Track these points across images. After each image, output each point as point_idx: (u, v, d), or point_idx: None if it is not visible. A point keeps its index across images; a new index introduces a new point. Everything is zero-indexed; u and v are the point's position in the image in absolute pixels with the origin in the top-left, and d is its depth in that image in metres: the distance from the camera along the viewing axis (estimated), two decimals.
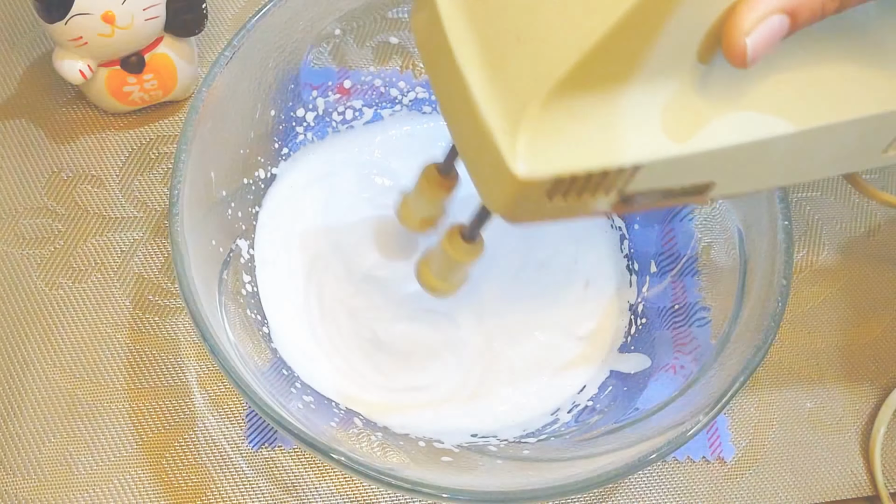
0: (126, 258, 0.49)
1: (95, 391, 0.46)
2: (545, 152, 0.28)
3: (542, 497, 0.36)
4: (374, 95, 0.53)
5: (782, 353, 0.51)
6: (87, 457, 0.44)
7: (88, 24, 0.45)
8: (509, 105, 0.28)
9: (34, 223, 0.49)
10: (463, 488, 0.37)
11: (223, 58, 0.42)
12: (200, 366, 0.47)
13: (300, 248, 0.48)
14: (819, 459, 0.48)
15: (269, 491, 0.45)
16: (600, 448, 0.40)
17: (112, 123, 0.52)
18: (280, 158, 0.50)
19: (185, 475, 0.44)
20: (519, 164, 0.28)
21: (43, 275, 0.48)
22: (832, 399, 0.50)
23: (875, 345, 0.52)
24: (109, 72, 0.49)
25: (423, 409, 0.45)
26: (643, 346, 0.47)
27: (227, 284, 0.44)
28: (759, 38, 0.27)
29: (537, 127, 0.28)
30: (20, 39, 0.54)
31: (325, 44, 0.50)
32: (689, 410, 0.38)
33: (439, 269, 0.41)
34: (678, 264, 0.47)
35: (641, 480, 0.47)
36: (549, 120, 0.28)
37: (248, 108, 0.46)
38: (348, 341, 0.46)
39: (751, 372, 0.38)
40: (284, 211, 0.49)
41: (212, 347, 0.37)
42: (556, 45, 0.28)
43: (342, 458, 0.36)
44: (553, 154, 0.28)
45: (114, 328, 0.47)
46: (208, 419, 0.46)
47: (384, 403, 0.45)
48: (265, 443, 0.45)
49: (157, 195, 0.51)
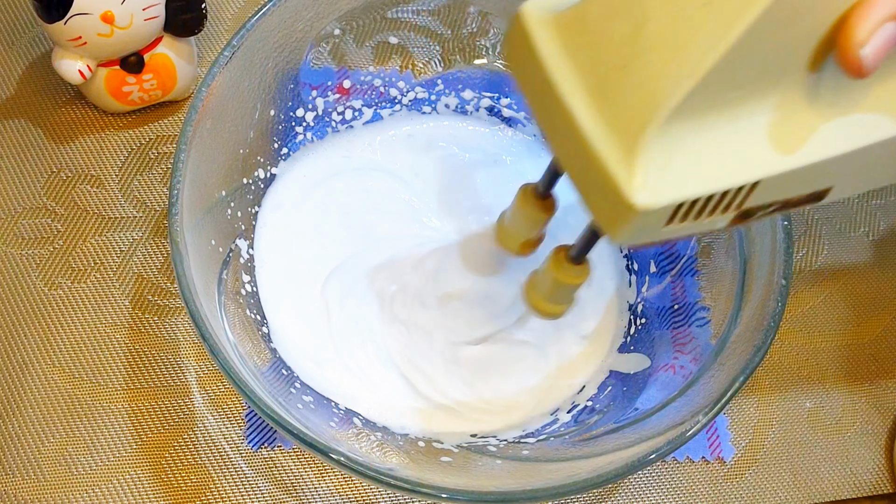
0: (125, 258, 0.49)
1: (95, 391, 0.46)
2: (663, 180, 0.28)
3: (541, 497, 0.36)
4: (373, 95, 0.53)
5: (782, 352, 0.51)
6: (87, 457, 0.44)
7: (88, 24, 0.45)
8: (622, 135, 0.28)
9: (33, 223, 0.49)
10: (462, 488, 0.37)
11: (223, 57, 0.42)
12: (200, 366, 0.47)
13: (300, 247, 0.48)
14: (819, 459, 0.48)
15: (269, 491, 0.45)
16: (600, 448, 0.40)
17: (111, 123, 0.52)
18: (279, 158, 0.50)
19: (185, 475, 0.44)
20: (638, 195, 0.28)
21: (42, 275, 0.48)
22: (832, 399, 0.50)
23: (875, 344, 0.52)
24: (109, 72, 0.49)
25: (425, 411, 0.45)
26: (643, 346, 0.47)
27: (226, 284, 0.44)
28: (874, 47, 0.28)
29: (653, 155, 0.28)
30: (19, 39, 0.54)
31: (325, 43, 0.50)
32: (689, 411, 0.38)
33: (547, 291, 0.41)
34: (678, 264, 0.47)
35: (641, 481, 0.47)
36: (665, 147, 0.28)
37: (248, 108, 0.46)
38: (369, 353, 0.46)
39: (750, 372, 0.38)
40: (284, 211, 0.49)
41: (211, 347, 0.37)
42: (666, 72, 0.27)
43: (341, 458, 0.36)
44: (671, 182, 0.28)
45: (113, 328, 0.47)
46: (208, 419, 0.46)
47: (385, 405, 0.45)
48: (265, 443, 0.45)
49: (157, 195, 0.51)
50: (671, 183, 0.28)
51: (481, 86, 0.53)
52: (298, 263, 0.48)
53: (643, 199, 0.28)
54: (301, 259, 0.48)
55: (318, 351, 0.46)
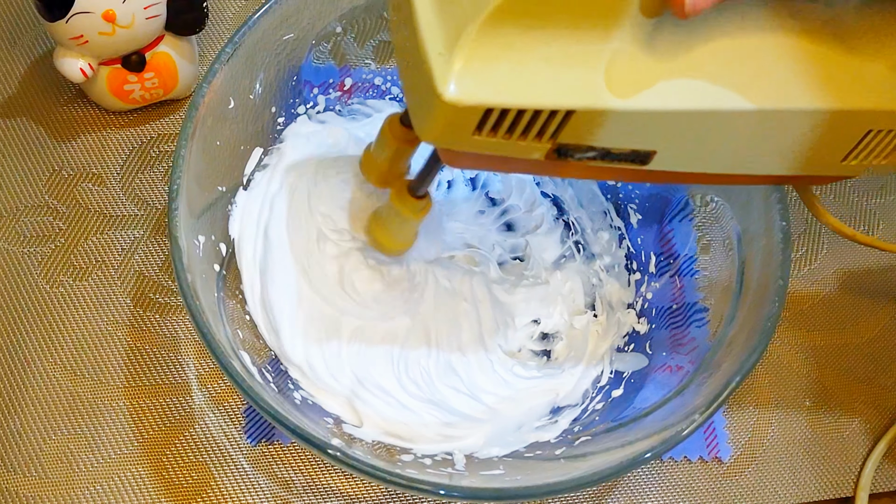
0: (127, 256, 0.49)
1: (96, 389, 0.46)
2: (477, 80, 0.28)
3: (537, 495, 0.37)
4: (374, 94, 0.53)
5: (781, 351, 0.51)
6: (88, 454, 0.45)
7: (89, 23, 0.46)
8: (450, 29, 0.28)
9: (35, 221, 0.49)
10: (458, 485, 0.37)
11: (224, 54, 0.42)
12: (200, 363, 0.47)
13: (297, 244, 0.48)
14: (818, 458, 0.49)
15: (268, 487, 0.45)
16: (596, 447, 0.40)
17: (113, 122, 0.53)
18: None
19: (186, 472, 0.45)
20: (449, 87, 0.28)
21: (44, 273, 0.48)
22: (830, 397, 0.50)
23: (873, 343, 0.52)
24: (110, 70, 0.49)
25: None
26: (641, 346, 0.47)
27: (226, 281, 0.44)
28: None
29: (472, 53, 0.28)
30: (21, 38, 0.54)
31: (326, 42, 0.50)
32: (685, 410, 0.39)
33: (388, 224, 0.41)
34: (676, 264, 0.47)
35: (639, 480, 0.47)
36: (486, 48, 0.28)
37: (249, 105, 0.46)
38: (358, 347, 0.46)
39: (747, 372, 0.38)
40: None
41: (209, 343, 0.37)
42: None
43: (338, 453, 0.36)
44: (485, 83, 0.28)
45: (114, 326, 0.47)
46: (208, 416, 0.46)
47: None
48: (263, 438, 0.45)
49: (158, 193, 0.51)
50: (485, 85, 0.28)
51: None
52: (296, 259, 0.48)
53: (451, 92, 0.28)
54: (298, 254, 0.48)
55: (304, 327, 0.45)
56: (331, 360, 0.45)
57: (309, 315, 0.45)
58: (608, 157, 0.31)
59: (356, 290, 0.45)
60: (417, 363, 0.45)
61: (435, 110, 0.28)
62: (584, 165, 0.31)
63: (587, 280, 0.50)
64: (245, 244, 0.46)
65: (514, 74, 0.28)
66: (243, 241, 0.46)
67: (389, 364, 0.45)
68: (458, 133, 0.29)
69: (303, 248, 0.46)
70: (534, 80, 0.28)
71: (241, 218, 0.47)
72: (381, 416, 0.43)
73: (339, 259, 0.45)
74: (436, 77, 0.28)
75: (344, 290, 0.45)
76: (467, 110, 0.28)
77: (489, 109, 0.28)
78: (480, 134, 0.29)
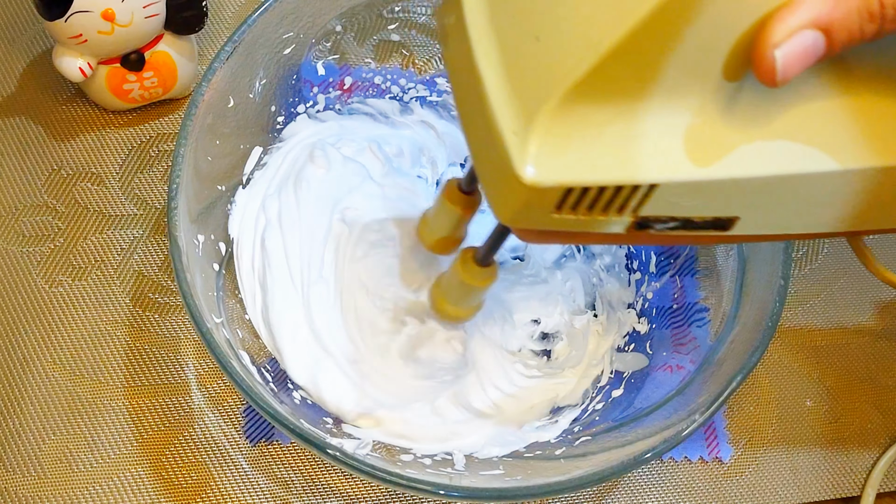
0: (126, 256, 0.49)
1: (95, 388, 0.46)
2: (556, 159, 0.27)
3: (537, 494, 0.37)
4: (374, 93, 0.53)
5: (781, 351, 0.51)
6: (87, 454, 0.45)
7: (88, 22, 0.45)
8: (523, 106, 0.27)
9: (34, 221, 0.49)
10: (458, 485, 0.37)
11: (224, 52, 0.42)
12: (199, 363, 0.47)
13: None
14: (818, 458, 0.48)
15: (268, 487, 0.45)
16: (596, 447, 0.40)
17: (112, 121, 0.52)
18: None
19: (185, 472, 0.45)
20: (528, 169, 0.27)
21: (43, 272, 0.48)
22: (831, 397, 0.50)
23: (874, 343, 0.52)
24: (109, 69, 0.49)
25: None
26: (641, 346, 0.47)
27: (225, 280, 0.44)
28: (789, 51, 0.26)
29: (550, 131, 0.27)
30: (20, 37, 0.54)
31: (326, 41, 0.50)
32: (686, 410, 0.38)
33: (453, 293, 0.40)
34: (677, 264, 0.47)
35: (639, 480, 0.47)
36: (563, 126, 0.27)
37: (248, 104, 0.46)
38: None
39: (747, 372, 0.38)
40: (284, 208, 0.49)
41: (208, 342, 0.37)
42: (573, 46, 0.26)
43: (337, 453, 0.36)
44: (565, 162, 0.27)
45: (113, 326, 0.47)
46: (208, 416, 0.46)
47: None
48: (262, 438, 0.45)
49: (157, 193, 0.51)
50: (565, 164, 0.27)
51: None
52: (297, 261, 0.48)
53: (531, 173, 0.27)
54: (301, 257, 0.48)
55: (306, 350, 0.45)
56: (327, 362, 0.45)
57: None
58: (689, 227, 0.30)
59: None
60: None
61: (513, 192, 0.28)
62: (665, 235, 0.31)
63: (587, 279, 0.50)
64: (244, 251, 0.46)
65: (592, 150, 0.27)
66: (242, 248, 0.46)
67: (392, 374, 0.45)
68: (536, 213, 0.29)
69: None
70: (612, 155, 0.27)
71: (240, 217, 0.46)
72: (382, 417, 0.43)
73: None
74: (513, 158, 0.27)
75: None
76: (547, 191, 0.27)
77: (569, 189, 0.28)
78: (560, 212, 0.28)
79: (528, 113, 0.27)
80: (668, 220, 0.30)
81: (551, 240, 0.31)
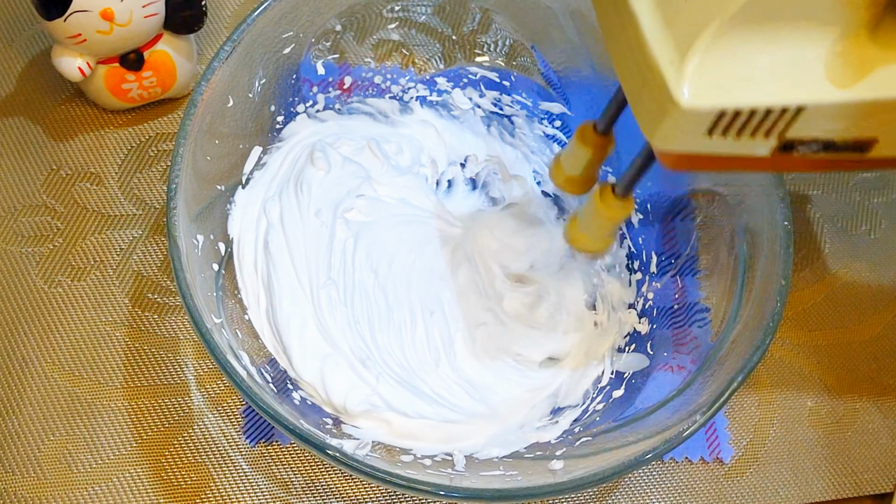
0: (125, 256, 0.49)
1: (94, 389, 0.46)
2: (711, 84, 0.29)
3: (537, 495, 0.36)
4: (374, 92, 0.52)
5: (783, 351, 0.51)
6: (87, 455, 0.44)
7: (87, 21, 0.45)
8: (678, 37, 0.29)
9: (33, 221, 0.49)
10: (458, 485, 0.37)
11: (223, 52, 0.42)
12: (199, 364, 0.47)
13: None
14: (820, 458, 0.48)
15: (267, 488, 0.45)
16: (597, 447, 0.40)
17: (111, 121, 0.52)
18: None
19: (185, 473, 0.45)
20: (683, 93, 0.29)
21: (42, 273, 0.48)
22: (833, 397, 0.50)
23: (876, 343, 0.52)
24: (108, 69, 0.49)
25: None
26: (642, 346, 0.46)
27: (224, 280, 0.44)
28: None
29: (705, 60, 0.29)
30: (19, 36, 0.54)
31: (325, 40, 0.49)
32: (687, 410, 0.38)
33: (590, 227, 0.41)
34: (678, 264, 0.47)
35: (640, 481, 0.47)
36: (717, 53, 0.29)
37: (248, 103, 0.46)
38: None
39: (748, 372, 0.38)
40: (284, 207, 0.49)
41: (208, 343, 0.37)
42: None
43: (337, 453, 0.36)
44: (718, 87, 0.29)
45: (113, 326, 0.47)
46: (207, 417, 0.46)
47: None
48: (262, 438, 0.45)
49: (156, 193, 0.51)
50: (718, 88, 0.29)
51: (483, 83, 0.53)
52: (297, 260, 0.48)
53: (688, 97, 0.29)
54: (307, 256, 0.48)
55: (314, 347, 0.45)
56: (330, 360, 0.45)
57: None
58: (830, 149, 0.32)
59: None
60: (427, 367, 0.46)
61: (669, 116, 0.29)
62: (806, 158, 0.33)
63: (588, 280, 0.50)
64: (246, 252, 0.46)
65: (744, 75, 0.29)
66: (244, 249, 0.46)
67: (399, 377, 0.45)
68: (690, 136, 0.30)
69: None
70: (763, 79, 0.30)
71: (240, 218, 0.46)
72: (381, 417, 0.43)
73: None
74: (670, 85, 0.29)
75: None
76: (703, 114, 0.29)
77: (722, 112, 0.29)
78: (712, 136, 0.30)
79: (685, 44, 0.29)
80: (812, 142, 0.32)
81: (696, 165, 0.33)
